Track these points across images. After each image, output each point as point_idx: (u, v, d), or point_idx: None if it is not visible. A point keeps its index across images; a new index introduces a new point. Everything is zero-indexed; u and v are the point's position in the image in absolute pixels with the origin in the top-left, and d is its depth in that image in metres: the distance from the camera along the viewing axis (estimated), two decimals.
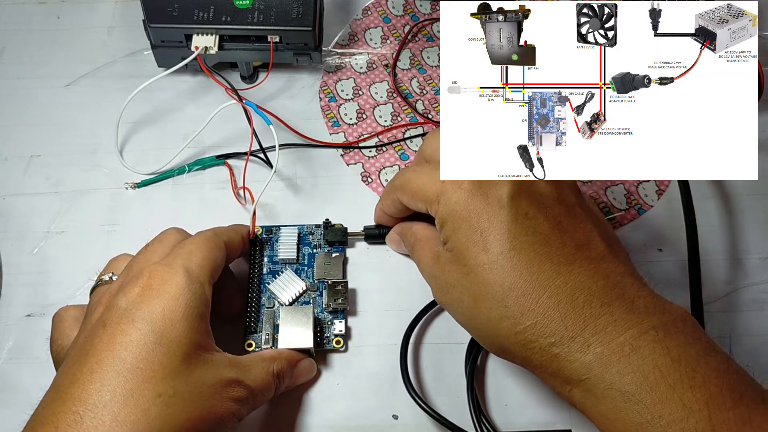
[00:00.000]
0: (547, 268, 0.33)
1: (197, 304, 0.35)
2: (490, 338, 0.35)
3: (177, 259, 0.36)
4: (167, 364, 0.32)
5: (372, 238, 0.47)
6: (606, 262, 0.34)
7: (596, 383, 0.32)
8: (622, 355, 0.31)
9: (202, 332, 0.35)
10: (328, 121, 0.52)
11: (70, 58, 0.54)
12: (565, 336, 0.32)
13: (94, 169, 0.50)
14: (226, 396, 0.34)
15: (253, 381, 0.36)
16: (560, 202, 0.36)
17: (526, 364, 0.35)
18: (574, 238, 0.35)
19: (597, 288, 0.33)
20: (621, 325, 0.32)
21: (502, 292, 0.33)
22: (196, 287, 0.35)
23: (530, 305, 0.33)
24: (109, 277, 0.39)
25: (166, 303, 0.34)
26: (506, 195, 0.35)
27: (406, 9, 0.56)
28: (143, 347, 0.32)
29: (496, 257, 0.34)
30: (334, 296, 0.43)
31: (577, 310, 0.33)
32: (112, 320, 0.33)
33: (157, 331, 0.33)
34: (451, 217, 0.36)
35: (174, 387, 0.32)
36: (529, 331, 0.33)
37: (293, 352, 0.41)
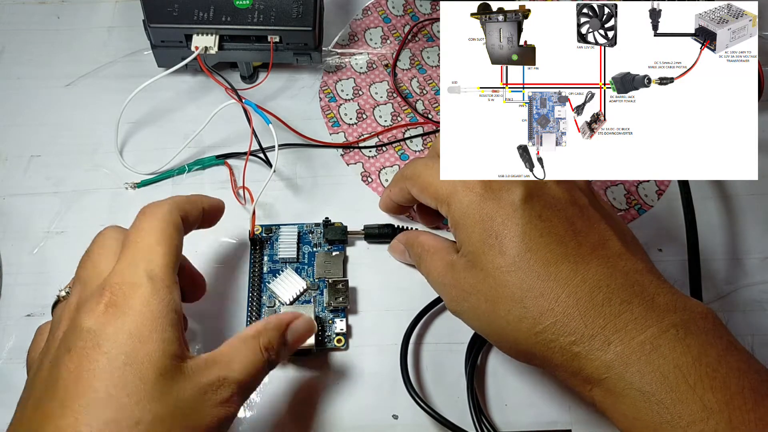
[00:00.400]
0: (565, 267, 0.33)
1: (166, 312, 0.32)
2: (509, 341, 0.35)
3: (138, 265, 0.33)
4: (141, 386, 0.30)
5: (372, 238, 0.47)
6: (624, 260, 0.34)
7: (617, 382, 0.31)
8: (642, 353, 0.31)
9: (174, 342, 0.32)
10: (328, 121, 0.52)
11: (70, 58, 0.54)
12: (585, 334, 0.32)
13: (94, 169, 0.50)
14: (211, 403, 0.32)
15: (238, 372, 0.33)
16: (573, 204, 0.36)
17: (546, 364, 0.34)
18: (589, 239, 0.34)
19: (616, 286, 0.33)
20: (641, 323, 0.32)
21: (521, 293, 0.33)
22: (163, 294, 0.32)
23: (549, 305, 0.33)
24: (65, 292, 0.36)
25: (133, 319, 0.31)
26: (519, 198, 0.35)
27: (406, 9, 0.56)
28: (113, 372, 0.30)
29: (512, 259, 0.34)
30: (335, 295, 0.43)
31: (596, 308, 0.32)
32: (77, 345, 0.30)
33: (127, 351, 0.30)
34: (464, 220, 0.35)
35: (152, 411, 0.30)
36: (549, 330, 0.33)
37: (283, 316, 0.37)
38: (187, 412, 0.31)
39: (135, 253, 0.33)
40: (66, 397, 0.29)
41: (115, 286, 0.32)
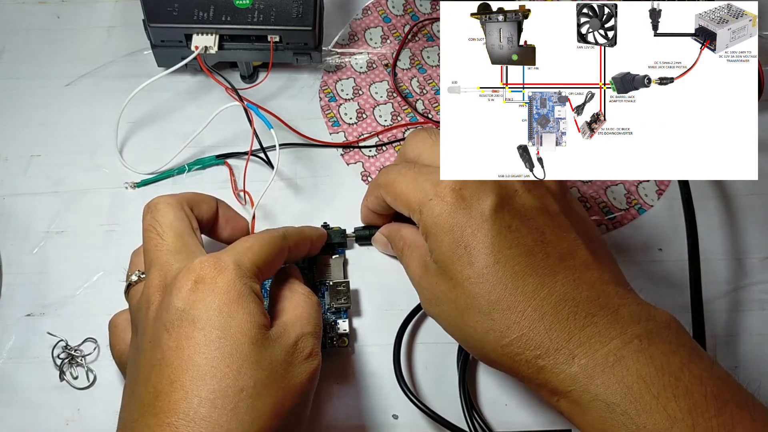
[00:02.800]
0: (532, 280, 0.34)
1: (248, 292, 0.34)
2: (477, 350, 0.36)
3: (228, 252, 0.35)
4: (238, 356, 0.32)
5: (362, 239, 0.47)
6: (590, 271, 0.34)
7: (582, 394, 0.32)
8: (606, 366, 0.32)
9: (259, 313, 0.34)
10: (328, 120, 0.52)
11: (70, 58, 0.54)
12: (550, 348, 0.33)
13: (94, 169, 0.50)
14: (300, 359, 0.34)
15: (308, 324, 0.36)
16: (543, 213, 0.36)
17: (514, 374, 0.35)
18: (557, 249, 0.35)
19: (581, 299, 0.33)
20: (605, 335, 0.32)
21: (488, 306, 0.34)
22: (246, 279, 0.35)
23: (516, 318, 0.33)
24: (137, 276, 0.38)
25: (220, 297, 0.33)
26: (489, 208, 0.35)
27: (406, 9, 0.56)
28: (211, 345, 0.32)
29: (481, 271, 0.34)
30: (337, 296, 0.43)
31: (561, 321, 0.33)
32: (173, 324, 0.33)
33: (220, 325, 0.33)
34: (435, 229, 0.36)
35: (252, 377, 0.32)
36: (515, 344, 0.33)
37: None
38: (282, 373, 0.33)
39: (236, 246, 0.36)
40: (172, 373, 0.32)
41: (204, 267, 0.34)
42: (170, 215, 0.37)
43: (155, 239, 0.37)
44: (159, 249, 0.36)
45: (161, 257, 0.36)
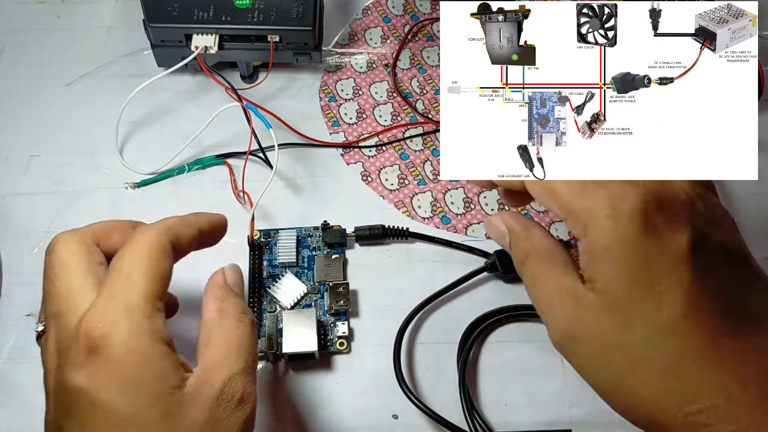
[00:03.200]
0: (729, 341, 0.29)
1: (151, 345, 0.30)
2: (638, 409, 0.30)
3: (117, 297, 0.30)
4: (150, 429, 0.28)
5: (363, 239, 0.46)
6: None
7: None
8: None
9: (168, 373, 0.30)
10: (328, 120, 0.52)
11: (70, 58, 0.54)
12: (750, 426, 0.28)
13: (94, 169, 0.50)
14: (229, 410, 0.30)
15: (238, 359, 0.32)
16: (733, 257, 0.31)
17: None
18: (751, 308, 0.30)
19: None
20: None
21: (676, 364, 0.28)
22: (144, 327, 0.30)
23: (710, 383, 0.28)
24: (42, 326, 0.33)
25: (119, 365, 0.29)
26: (687, 245, 0.29)
27: (406, 9, 0.56)
28: (117, 425, 0.28)
29: (672, 320, 0.29)
30: (336, 298, 0.43)
31: (766, 398, 0.28)
32: (71, 410, 0.29)
33: (123, 404, 0.28)
34: (611, 254, 0.29)
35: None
36: (705, 413, 0.28)
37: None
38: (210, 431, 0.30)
39: (115, 283, 0.31)
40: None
41: (93, 329, 0.29)
42: (65, 254, 0.33)
43: (47, 286, 0.32)
44: (51, 298, 0.32)
45: (53, 308, 0.32)
